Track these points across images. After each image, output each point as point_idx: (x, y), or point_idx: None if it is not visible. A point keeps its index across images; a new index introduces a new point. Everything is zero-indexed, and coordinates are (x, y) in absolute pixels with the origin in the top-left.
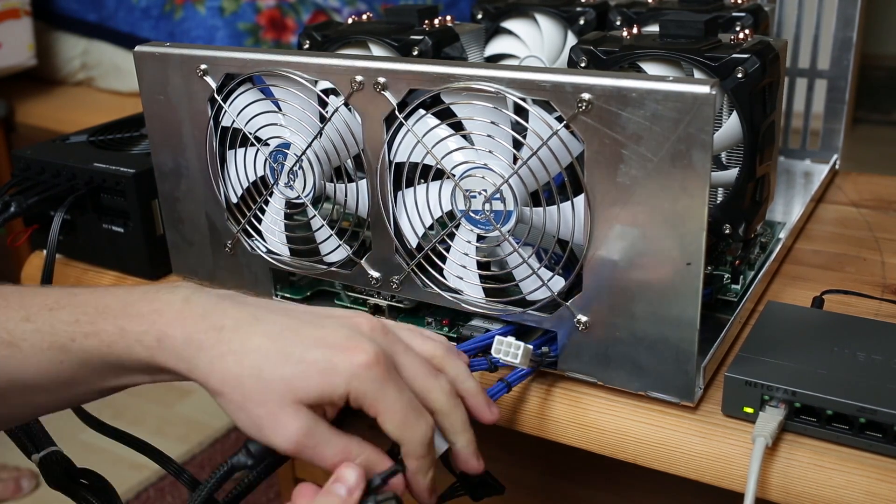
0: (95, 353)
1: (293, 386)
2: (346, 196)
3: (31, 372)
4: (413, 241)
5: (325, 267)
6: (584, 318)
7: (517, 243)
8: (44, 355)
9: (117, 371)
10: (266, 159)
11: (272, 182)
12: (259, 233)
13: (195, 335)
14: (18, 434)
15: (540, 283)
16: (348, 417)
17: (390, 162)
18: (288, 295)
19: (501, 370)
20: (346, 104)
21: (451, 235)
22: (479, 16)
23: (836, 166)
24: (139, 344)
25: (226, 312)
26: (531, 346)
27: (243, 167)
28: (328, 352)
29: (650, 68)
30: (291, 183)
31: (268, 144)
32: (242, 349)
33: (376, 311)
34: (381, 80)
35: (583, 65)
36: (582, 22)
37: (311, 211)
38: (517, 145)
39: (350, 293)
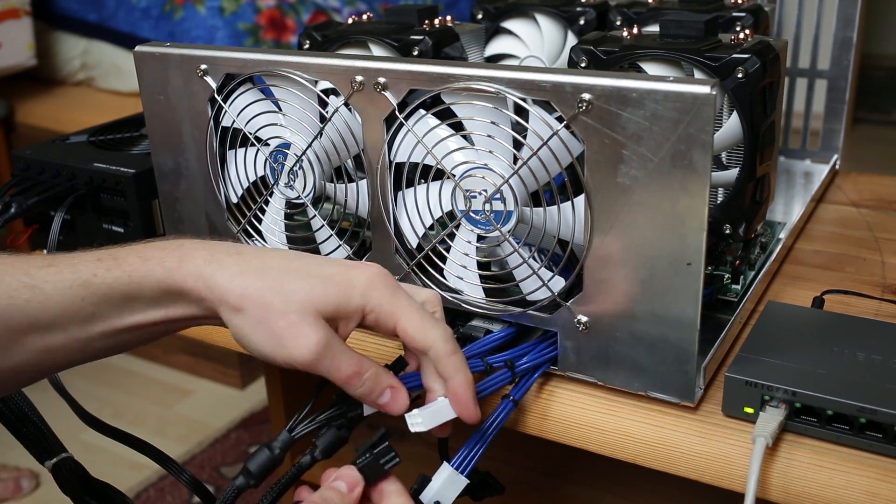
0: (115, 284)
1: (313, 297)
2: (346, 196)
3: (51, 311)
4: (413, 241)
5: None
6: (584, 318)
7: (517, 243)
8: (65, 294)
9: (133, 302)
10: (266, 159)
11: (272, 182)
12: (259, 233)
13: (216, 254)
14: (30, 440)
15: (540, 283)
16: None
17: (390, 162)
18: None
19: (505, 388)
20: (346, 104)
21: (452, 235)
22: (479, 16)
23: (836, 166)
24: (160, 266)
25: (244, 245)
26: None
27: (243, 167)
28: (343, 267)
29: (650, 68)
30: (292, 183)
31: (268, 144)
32: (263, 266)
33: None
34: (382, 80)
35: (583, 65)
36: (582, 22)
37: (311, 211)
38: (517, 145)
39: None
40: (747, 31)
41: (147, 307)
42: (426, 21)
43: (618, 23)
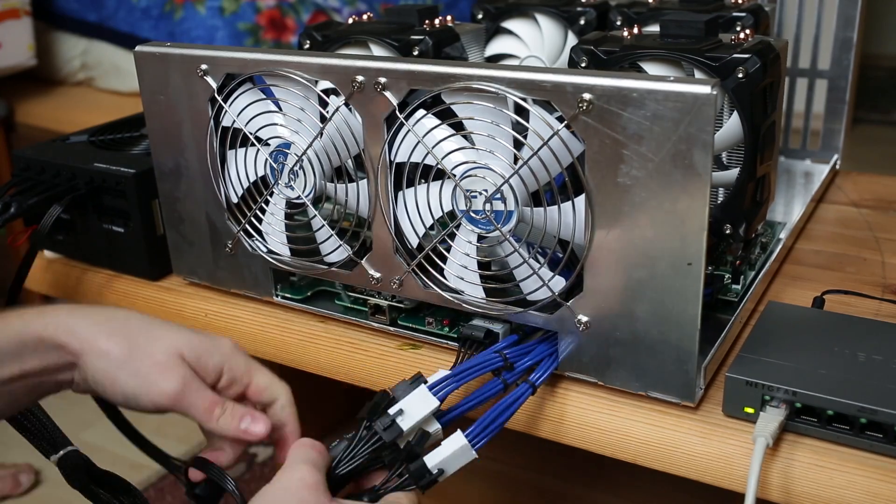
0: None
1: (178, 343)
2: (346, 196)
3: None
4: (413, 241)
5: (325, 267)
6: (584, 318)
7: (518, 243)
8: None
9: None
10: (266, 159)
11: (272, 182)
12: (259, 233)
13: (78, 308)
14: (35, 434)
15: (540, 283)
16: None
17: (391, 162)
18: (288, 295)
19: (524, 374)
20: (346, 104)
21: (452, 235)
22: (479, 16)
23: (837, 166)
24: (18, 318)
25: (105, 306)
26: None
27: (244, 167)
28: (206, 332)
29: (651, 68)
30: (292, 183)
31: (268, 144)
32: (127, 316)
33: (376, 310)
34: (382, 80)
35: (583, 65)
36: (582, 22)
37: (311, 211)
38: (518, 145)
39: (350, 293)
40: (747, 31)
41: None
42: (426, 21)
43: (618, 23)
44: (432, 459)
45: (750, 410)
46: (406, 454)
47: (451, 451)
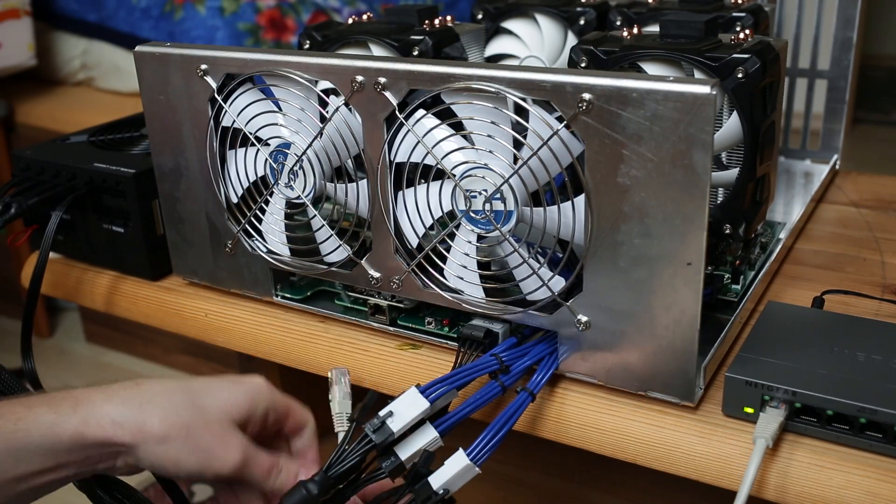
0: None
1: (227, 407)
2: (346, 196)
3: None
4: (413, 241)
5: (325, 267)
6: (584, 318)
7: (517, 243)
8: None
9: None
10: (266, 159)
11: (272, 182)
12: (259, 233)
13: (114, 392)
14: None
15: (540, 283)
16: None
17: (391, 162)
18: (288, 295)
19: (520, 381)
20: (346, 104)
21: (452, 235)
22: (479, 16)
23: (836, 166)
24: (59, 421)
25: (127, 381)
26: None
27: (243, 167)
28: (238, 378)
29: (650, 68)
30: (292, 183)
31: (268, 144)
32: (163, 387)
33: (376, 310)
34: (382, 80)
35: (583, 65)
36: (582, 22)
37: (311, 211)
38: (517, 145)
39: (350, 293)
40: (747, 31)
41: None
42: (426, 21)
43: (618, 23)
44: (437, 480)
45: (749, 410)
46: (412, 477)
47: (454, 472)
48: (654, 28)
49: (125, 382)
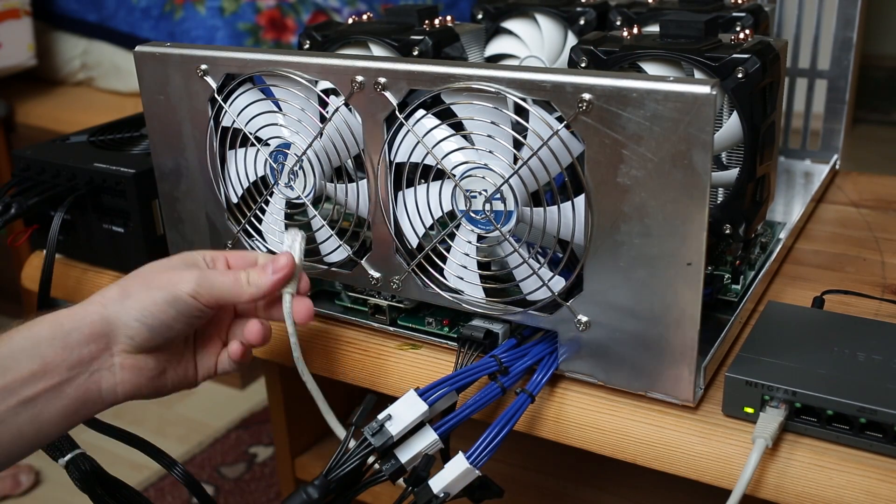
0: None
1: (161, 264)
2: (346, 196)
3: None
4: (413, 242)
5: (325, 267)
6: (584, 318)
7: (517, 243)
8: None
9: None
10: (266, 159)
11: (272, 182)
12: (259, 233)
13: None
14: None
15: (540, 283)
16: None
17: (390, 162)
18: None
19: (520, 381)
20: (346, 104)
21: (452, 235)
22: (479, 16)
23: (836, 166)
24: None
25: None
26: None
27: (243, 167)
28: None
29: (650, 68)
30: (292, 183)
31: (268, 144)
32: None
33: (376, 310)
34: (382, 80)
35: (583, 65)
36: (582, 22)
37: (311, 211)
38: (517, 145)
39: (350, 293)
40: (747, 31)
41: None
42: (426, 21)
43: (618, 23)
44: (437, 484)
45: (749, 410)
46: (412, 480)
47: (454, 476)
48: (654, 28)
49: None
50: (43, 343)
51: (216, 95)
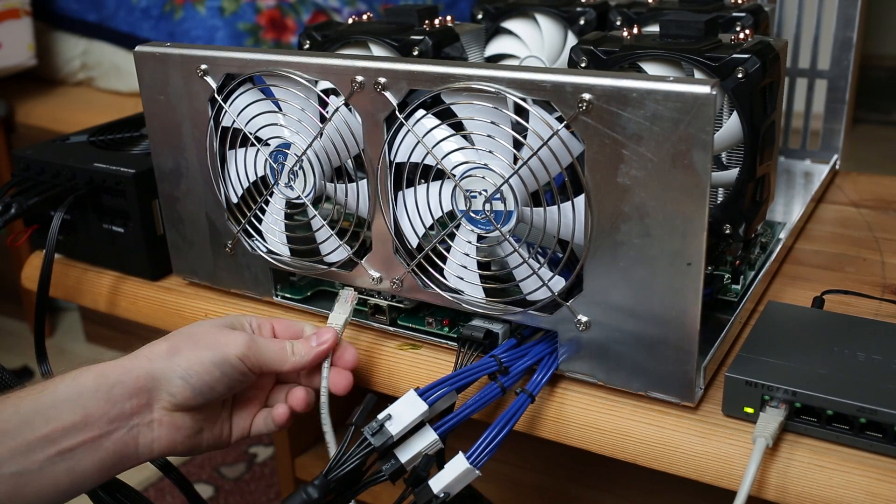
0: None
1: (216, 333)
2: (346, 196)
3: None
4: (413, 242)
5: (325, 267)
6: (584, 318)
7: (517, 243)
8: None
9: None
10: (266, 159)
11: (272, 182)
12: (259, 233)
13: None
14: None
15: (540, 283)
16: None
17: (391, 162)
18: (288, 295)
19: (520, 381)
20: (346, 104)
21: (452, 235)
22: (479, 16)
23: (836, 166)
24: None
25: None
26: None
27: (243, 167)
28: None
29: (650, 68)
30: (292, 183)
31: (268, 144)
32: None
33: (376, 310)
34: (382, 80)
35: (583, 65)
36: (582, 22)
37: (311, 211)
38: (517, 145)
39: None
40: (747, 31)
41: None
42: (426, 21)
43: (618, 23)
44: (437, 484)
45: (749, 410)
46: (413, 480)
47: (454, 476)
48: (654, 28)
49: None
50: (87, 394)
51: (216, 95)
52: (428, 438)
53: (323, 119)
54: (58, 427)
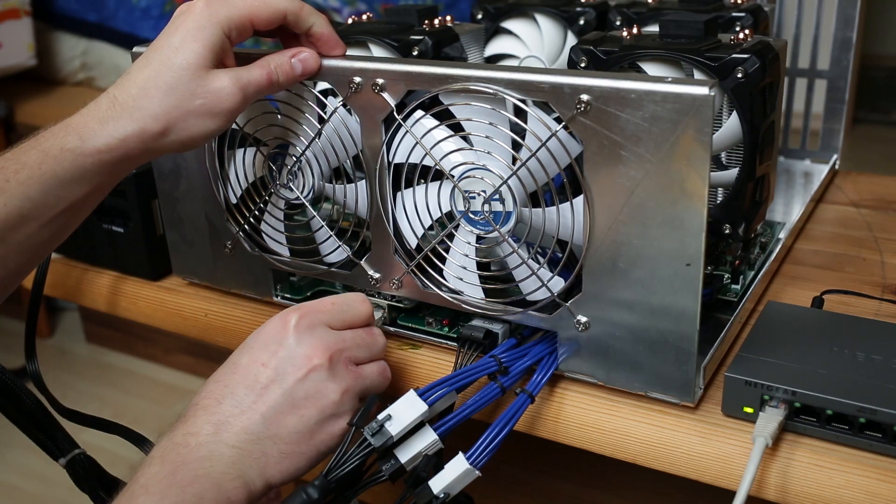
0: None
1: (194, 62)
2: (345, 196)
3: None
4: (413, 242)
5: (324, 267)
6: (583, 319)
7: (516, 244)
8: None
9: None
10: (265, 160)
11: (272, 183)
12: (259, 233)
13: (104, 112)
14: (42, 438)
15: (540, 283)
16: None
17: (389, 163)
18: (288, 295)
19: (520, 382)
20: (344, 105)
21: (451, 236)
22: (479, 16)
23: (836, 166)
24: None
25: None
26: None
27: (243, 168)
28: (184, 22)
29: (650, 68)
30: (291, 184)
31: (267, 145)
32: (142, 86)
33: (376, 311)
34: (380, 81)
35: (583, 65)
36: (582, 22)
37: (310, 211)
38: (516, 146)
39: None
40: (747, 31)
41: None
42: (426, 21)
43: (618, 23)
44: (437, 484)
45: (749, 410)
46: (412, 480)
47: (454, 476)
48: (654, 28)
49: (102, 100)
50: (92, 174)
51: None
52: (428, 438)
53: (321, 120)
54: (69, 197)
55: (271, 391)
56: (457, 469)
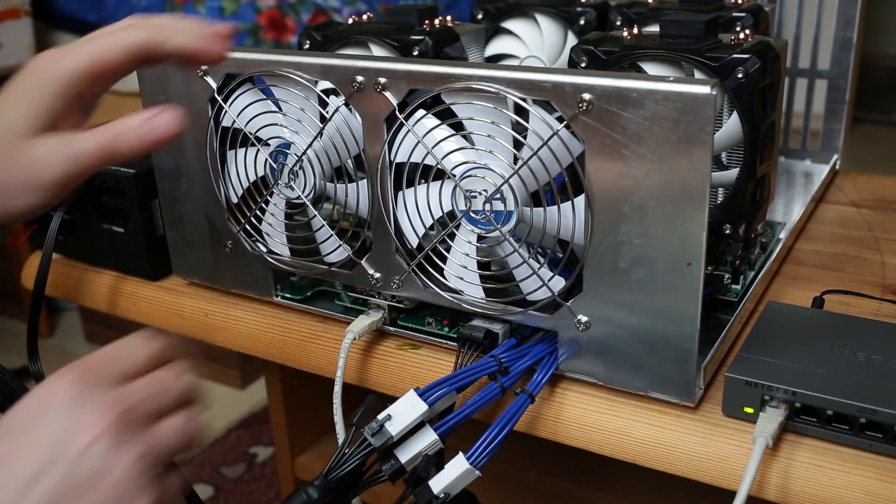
0: None
1: (20, 125)
2: (346, 196)
3: None
4: (413, 242)
5: (325, 267)
6: (584, 318)
7: (517, 243)
8: None
9: None
10: (266, 159)
11: (272, 182)
12: (259, 233)
13: None
14: None
15: (540, 283)
16: None
17: (391, 162)
18: (288, 295)
19: (520, 381)
20: (346, 104)
21: (452, 235)
22: (479, 16)
23: (836, 166)
24: None
25: None
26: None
27: (244, 167)
28: (20, 82)
29: (650, 68)
30: (292, 183)
31: (268, 144)
32: None
33: (376, 310)
34: (382, 80)
35: (583, 65)
36: (582, 22)
37: (311, 211)
38: (517, 145)
39: (350, 293)
40: (747, 31)
41: None
42: (426, 21)
43: (618, 23)
44: (437, 484)
45: (749, 410)
46: (413, 480)
47: (454, 476)
48: (654, 28)
49: None
50: None
51: (216, 95)
52: (428, 439)
53: (323, 119)
54: None
55: (42, 484)
56: (457, 469)
